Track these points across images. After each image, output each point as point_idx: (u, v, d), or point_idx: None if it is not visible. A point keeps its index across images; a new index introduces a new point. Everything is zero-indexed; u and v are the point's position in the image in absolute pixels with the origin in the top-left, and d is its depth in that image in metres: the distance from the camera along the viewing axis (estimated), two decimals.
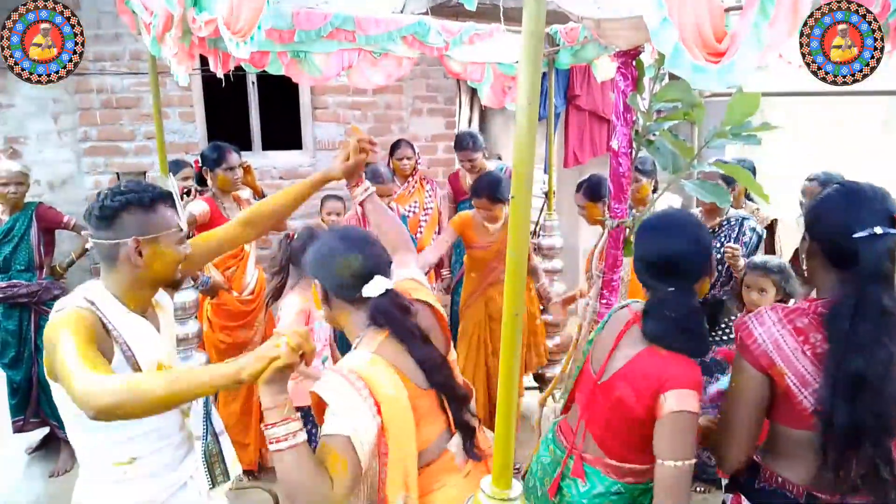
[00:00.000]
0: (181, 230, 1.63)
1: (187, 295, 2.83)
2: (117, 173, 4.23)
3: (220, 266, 3.23)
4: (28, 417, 3.58)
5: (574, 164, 5.58)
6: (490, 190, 3.18)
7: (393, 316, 1.48)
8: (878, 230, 1.31)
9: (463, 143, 3.97)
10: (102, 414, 1.22)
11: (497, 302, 3.31)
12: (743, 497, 1.51)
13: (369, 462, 1.37)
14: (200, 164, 3.44)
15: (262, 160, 4.62)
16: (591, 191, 3.23)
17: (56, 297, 3.56)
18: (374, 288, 1.48)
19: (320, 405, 1.41)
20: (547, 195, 3.88)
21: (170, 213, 1.61)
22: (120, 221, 1.55)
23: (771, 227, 3.63)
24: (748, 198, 3.73)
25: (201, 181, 3.58)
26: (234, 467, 1.88)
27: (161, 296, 1.76)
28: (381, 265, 1.54)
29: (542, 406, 2.52)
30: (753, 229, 3.05)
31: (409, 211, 4.04)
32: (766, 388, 1.41)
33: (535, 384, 3.96)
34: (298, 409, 2.24)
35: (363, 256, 1.50)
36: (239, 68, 2.88)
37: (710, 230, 3.20)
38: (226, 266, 3.28)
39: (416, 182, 4.15)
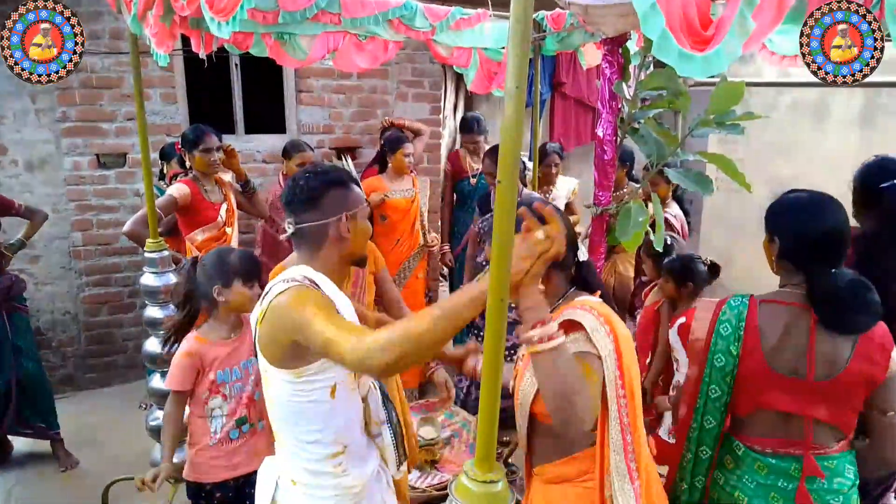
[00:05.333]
0: (369, 205, 1.71)
1: (169, 279, 2.82)
2: (97, 154, 4.16)
3: (203, 249, 3.21)
4: (7, 427, 3.35)
5: None
6: None
7: (599, 278, 1.63)
8: None
9: (470, 127, 4.41)
10: (388, 370, 1.25)
11: None
12: None
13: (614, 397, 1.42)
14: (181, 146, 3.40)
15: (246, 143, 4.56)
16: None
17: (24, 290, 3.42)
18: (583, 252, 1.61)
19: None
20: (532, 182, 3.89)
21: (358, 189, 1.69)
22: (326, 201, 1.59)
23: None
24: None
25: (183, 163, 3.54)
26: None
27: None
28: None
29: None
30: (556, 209, 3.30)
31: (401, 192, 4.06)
32: None
33: None
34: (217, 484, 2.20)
35: None
36: (222, 49, 2.84)
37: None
38: (208, 250, 3.25)
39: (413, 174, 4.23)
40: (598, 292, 1.57)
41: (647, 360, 2.96)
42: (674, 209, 3.80)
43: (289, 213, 1.62)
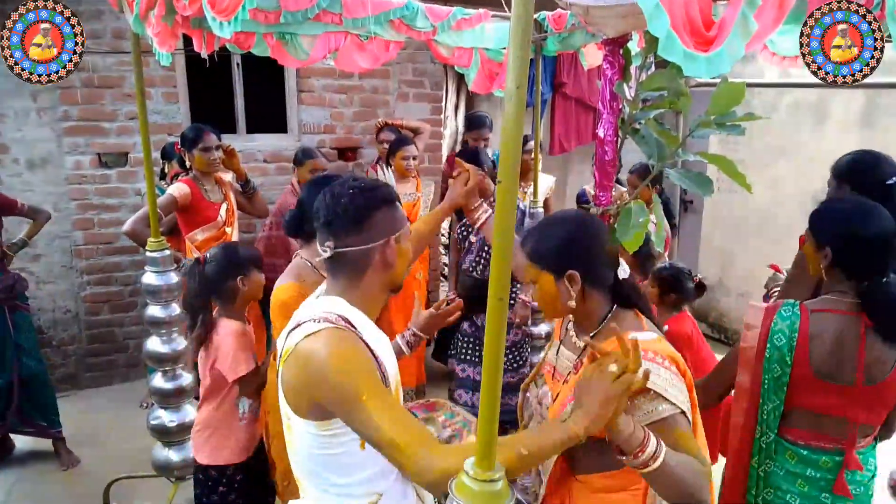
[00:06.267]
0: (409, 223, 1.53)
1: (170, 278, 2.82)
2: (98, 154, 4.17)
3: (203, 249, 3.21)
4: (10, 425, 3.39)
5: (560, 151, 5.59)
6: None
7: (641, 294, 1.54)
8: None
9: (480, 121, 4.46)
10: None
11: None
12: None
13: None
14: (180, 146, 3.40)
15: (247, 143, 4.57)
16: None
17: (26, 288, 3.45)
18: (625, 269, 1.50)
19: None
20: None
21: (401, 207, 1.50)
22: (374, 222, 1.39)
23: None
24: None
25: (183, 163, 3.54)
26: None
27: None
28: None
29: (524, 391, 2.54)
30: (522, 211, 3.55)
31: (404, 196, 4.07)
32: None
33: None
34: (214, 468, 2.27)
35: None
36: (224, 49, 2.84)
37: None
38: (208, 249, 3.25)
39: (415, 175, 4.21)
40: (636, 310, 1.49)
41: None
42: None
43: (327, 234, 1.40)
